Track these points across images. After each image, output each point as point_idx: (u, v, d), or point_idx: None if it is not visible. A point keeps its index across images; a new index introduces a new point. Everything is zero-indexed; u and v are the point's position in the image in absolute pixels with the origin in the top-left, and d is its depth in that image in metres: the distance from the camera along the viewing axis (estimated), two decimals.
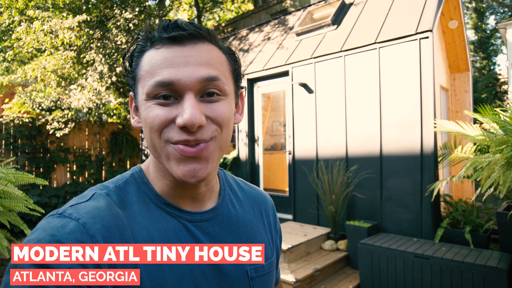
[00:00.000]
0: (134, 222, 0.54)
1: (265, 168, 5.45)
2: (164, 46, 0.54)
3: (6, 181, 1.67)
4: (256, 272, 0.65)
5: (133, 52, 0.58)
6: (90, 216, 0.49)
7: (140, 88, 0.56)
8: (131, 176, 0.60)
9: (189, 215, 0.60)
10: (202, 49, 0.55)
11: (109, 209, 0.52)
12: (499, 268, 2.55)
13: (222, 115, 0.55)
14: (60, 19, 5.45)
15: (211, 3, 12.56)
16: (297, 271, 3.32)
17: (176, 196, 0.60)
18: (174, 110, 0.53)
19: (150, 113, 0.53)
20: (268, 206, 0.79)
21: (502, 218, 3.17)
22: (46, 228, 0.47)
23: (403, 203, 3.71)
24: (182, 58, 0.53)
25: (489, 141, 2.34)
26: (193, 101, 0.52)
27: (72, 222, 0.48)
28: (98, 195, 0.54)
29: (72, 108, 6.25)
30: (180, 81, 0.52)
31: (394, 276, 3.08)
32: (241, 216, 0.69)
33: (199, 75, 0.53)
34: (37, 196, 5.90)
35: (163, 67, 0.53)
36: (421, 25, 3.68)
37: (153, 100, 0.53)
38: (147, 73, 0.54)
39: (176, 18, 0.57)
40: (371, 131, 3.99)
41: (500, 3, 16.75)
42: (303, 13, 5.82)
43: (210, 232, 0.61)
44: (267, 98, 5.72)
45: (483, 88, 12.17)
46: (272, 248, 0.73)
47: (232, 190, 0.73)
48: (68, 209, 0.50)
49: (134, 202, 0.57)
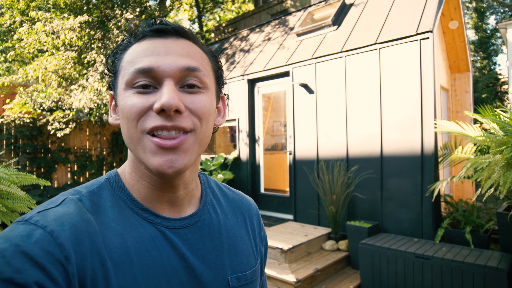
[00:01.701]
0: (107, 228, 0.51)
1: (266, 168, 5.46)
2: (146, 38, 0.55)
3: (9, 182, 1.68)
4: (238, 282, 0.61)
5: (117, 50, 0.58)
6: (58, 223, 0.46)
7: (120, 78, 0.55)
8: (106, 181, 0.58)
9: (167, 221, 0.57)
10: (184, 43, 0.55)
11: (80, 215, 0.49)
12: (500, 268, 2.55)
13: (202, 107, 0.54)
14: (61, 19, 5.46)
15: (211, 3, 12.57)
16: (297, 271, 3.33)
17: (154, 200, 0.57)
18: (152, 97, 0.51)
19: (128, 102, 0.52)
20: (252, 212, 0.75)
21: (503, 218, 3.18)
22: (9, 236, 0.43)
23: (403, 204, 3.71)
24: (164, 48, 0.53)
25: (489, 142, 2.35)
26: (171, 87, 0.51)
27: (38, 230, 0.44)
28: (69, 200, 0.51)
29: (73, 108, 6.26)
30: (160, 68, 0.51)
31: (395, 276, 3.09)
32: (223, 222, 0.65)
33: (180, 64, 0.52)
34: (38, 196, 5.91)
35: (144, 56, 0.52)
36: (422, 26, 3.69)
37: (132, 89, 0.52)
38: (128, 63, 0.53)
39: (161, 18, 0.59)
40: (372, 131, 4.00)
41: (500, 3, 16.74)
42: (304, 13, 5.83)
43: (189, 239, 0.58)
44: (268, 99, 5.73)
45: (484, 88, 12.17)
46: (256, 256, 0.70)
47: (214, 195, 0.70)
48: (35, 215, 0.47)
49: (108, 207, 0.54)
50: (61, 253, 0.44)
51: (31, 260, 0.41)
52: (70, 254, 0.44)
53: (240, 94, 5.50)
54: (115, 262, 0.49)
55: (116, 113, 0.59)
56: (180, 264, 0.55)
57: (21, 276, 0.40)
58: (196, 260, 0.57)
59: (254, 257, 0.69)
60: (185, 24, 18.24)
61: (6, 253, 0.41)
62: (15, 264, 0.40)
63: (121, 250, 0.50)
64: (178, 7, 11.82)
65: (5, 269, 0.40)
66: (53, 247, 0.43)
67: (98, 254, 0.48)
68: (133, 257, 0.51)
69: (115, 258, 0.49)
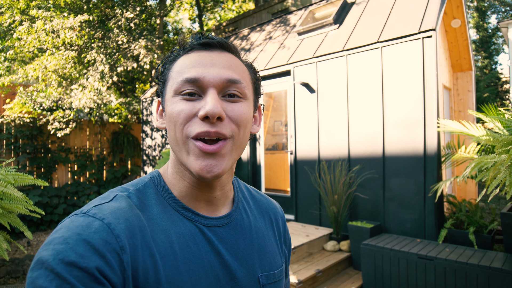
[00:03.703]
0: (153, 224, 0.56)
1: (267, 168, 5.42)
2: (194, 51, 0.61)
3: (5, 183, 1.65)
4: (267, 280, 0.66)
5: (166, 60, 0.64)
6: (114, 217, 0.51)
7: (168, 87, 0.60)
8: (150, 180, 0.62)
9: (205, 220, 0.61)
10: (227, 57, 0.61)
11: (131, 210, 0.54)
12: (504, 269, 2.52)
13: (241, 115, 0.58)
14: (61, 19, 5.43)
15: (212, 2, 12.54)
16: (299, 272, 3.30)
17: (193, 199, 0.62)
18: (197, 105, 0.56)
19: (175, 108, 0.57)
20: (278, 216, 0.80)
21: (507, 218, 3.14)
22: (71, 227, 0.47)
23: (406, 204, 3.68)
24: (210, 60, 0.59)
25: (494, 141, 2.31)
26: (215, 95, 0.56)
27: (97, 222, 0.49)
28: (119, 197, 0.56)
29: (73, 108, 6.24)
30: (205, 78, 0.56)
31: (397, 277, 3.05)
32: (253, 224, 0.70)
33: (223, 76, 0.57)
34: (38, 196, 5.89)
35: (192, 67, 0.58)
36: (424, 24, 3.65)
37: (179, 96, 0.57)
38: (177, 73, 0.59)
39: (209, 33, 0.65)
40: (374, 131, 3.96)
41: (502, 2, 16.68)
42: (305, 12, 5.80)
43: (224, 237, 0.62)
44: (269, 98, 5.70)
45: (485, 88, 12.12)
46: (281, 257, 0.75)
47: (245, 197, 0.74)
48: (92, 209, 0.51)
49: (153, 205, 0.58)
50: (118, 244, 0.48)
51: (92, 248, 0.45)
52: (125, 245, 0.49)
53: None
54: (162, 255, 0.53)
55: (163, 118, 0.64)
56: (216, 260, 0.59)
57: (84, 261, 0.44)
58: (230, 258, 0.61)
59: (280, 258, 0.73)
60: (186, 24, 18.23)
61: (69, 240, 0.45)
62: (79, 250, 0.44)
63: (166, 245, 0.55)
64: (178, 6, 11.79)
65: (69, 254, 0.43)
66: (111, 238, 0.48)
67: (148, 247, 0.52)
68: (177, 251, 0.55)
69: (162, 251, 0.54)
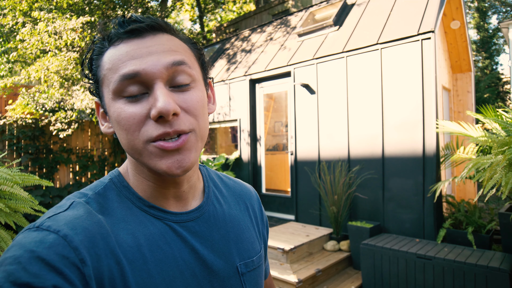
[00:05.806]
0: (118, 228, 0.52)
1: (267, 169, 5.46)
2: (122, 41, 0.52)
3: (12, 183, 1.69)
4: (246, 268, 0.64)
5: (91, 56, 0.56)
6: (71, 227, 0.46)
7: (105, 88, 0.53)
8: (110, 181, 0.58)
9: (175, 216, 0.58)
10: (162, 39, 0.53)
11: (90, 217, 0.49)
12: (502, 269, 2.55)
13: (195, 104, 0.54)
14: (63, 20, 5.48)
15: (213, 3, 12.58)
16: (299, 272, 3.33)
17: (159, 197, 0.58)
18: (146, 104, 0.50)
19: (122, 114, 0.51)
20: (253, 199, 0.78)
21: (505, 219, 3.17)
22: (23, 243, 0.43)
23: (405, 204, 3.71)
24: (144, 49, 0.51)
25: (491, 142, 2.35)
26: (163, 90, 0.50)
27: (52, 235, 0.44)
28: (77, 204, 0.51)
29: (75, 109, 6.28)
30: (146, 70, 0.50)
31: (397, 276, 3.08)
32: (227, 212, 0.67)
33: (164, 62, 0.51)
34: (40, 197, 5.93)
35: (126, 60, 0.50)
36: (423, 26, 3.68)
37: (122, 99, 0.51)
38: (110, 71, 0.51)
39: (130, 13, 0.57)
40: (373, 132, 4.00)
41: (502, 3, 16.69)
42: (305, 13, 5.83)
43: (197, 231, 0.59)
44: (269, 99, 5.73)
45: (486, 88, 12.13)
46: (259, 242, 0.73)
47: (216, 186, 0.71)
48: (46, 221, 0.46)
49: (116, 207, 0.54)
50: (76, 257, 0.44)
51: (47, 265, 0.41)
52: (85, 257, 0.45)
53: (241, 94, 5.51)
54: (130, 260, 0.50)
55: (108, 121, 0.57)
56: (191, 256, 0.56)
57: (39, 280, 0.40)
58: (205, 251, 0.59)
59: (258, 243, 0.71)
60: (187, 25, 18.21)
61: (21, 259, 0.41)
62: (32, 270, 0.40)
63: (134, 248, 0.51)
64: (179, 8, 11.84)
65: (22, 275, 0.39)
66: (68, 251, 0.44)
67: (113, 254, 0.48)
68: (146, 254, 0.52)
69: (129, 256, 0.50)
